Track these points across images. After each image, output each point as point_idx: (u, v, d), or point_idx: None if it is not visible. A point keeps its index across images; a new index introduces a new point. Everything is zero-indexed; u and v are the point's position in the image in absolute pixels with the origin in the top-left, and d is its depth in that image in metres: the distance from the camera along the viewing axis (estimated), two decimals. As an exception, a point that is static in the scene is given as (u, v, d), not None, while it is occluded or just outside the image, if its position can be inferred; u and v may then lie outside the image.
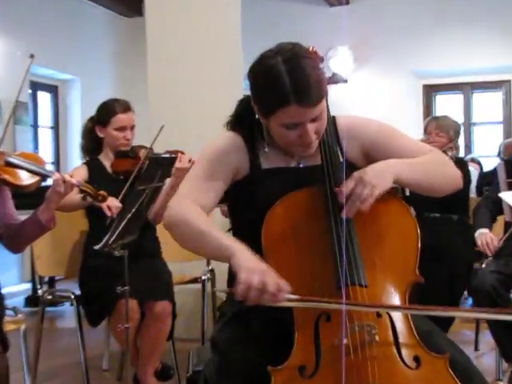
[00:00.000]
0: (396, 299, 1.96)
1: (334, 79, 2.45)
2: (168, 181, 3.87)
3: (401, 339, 1.89)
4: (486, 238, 4.17)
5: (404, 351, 1.87)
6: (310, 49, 2.13)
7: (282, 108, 1.98)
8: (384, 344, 1.87)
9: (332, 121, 2.20)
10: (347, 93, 8.37)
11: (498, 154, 7.55)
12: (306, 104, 1.97)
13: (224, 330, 2.11)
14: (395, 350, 1.87)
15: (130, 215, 3.27)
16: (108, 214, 3.61)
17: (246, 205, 2.14)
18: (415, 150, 2.20)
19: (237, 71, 5.38)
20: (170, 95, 5.32)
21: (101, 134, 4.03)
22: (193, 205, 2.04)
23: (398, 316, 1.92)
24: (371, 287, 1.94)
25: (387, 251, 2.02)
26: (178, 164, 3.88)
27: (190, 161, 3.90)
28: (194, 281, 4.65)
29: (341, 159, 2.16)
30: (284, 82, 1.96)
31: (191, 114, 5.09)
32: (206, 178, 2.12)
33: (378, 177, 1.99)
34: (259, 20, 8.87)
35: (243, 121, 2.23)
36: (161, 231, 4.14)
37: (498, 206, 4.18)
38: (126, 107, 4.04)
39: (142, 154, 3.87)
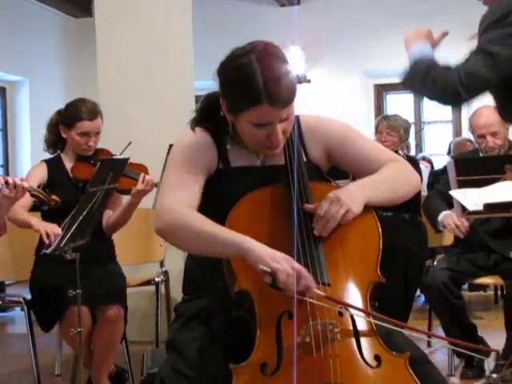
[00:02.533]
0: (358, 298, 1.98)
1: (298, 79, 2.47)
2: (126, 198, 3.86)
3: (362, 338, 1.91)
4: (454, 220, 4.18)
5: (365, 349, 1.89)
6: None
7: (253, 107, 1.98)
8: (345, 342, 1.89)
9: (296, 120, 2.20)
10: (300, 92, 8.41)
11: (448, 153, 7.66)
12: (278, 104, 1.98)
13: (182, 331, 2.10)
14: (356, 348, 1.89)
15: (81, 218, 3.25)
16: (46, 241, 3.52)
17: (211, 203, 2.13)
18: (380, 155, 2.23)
19: (188, 71, 5.38)
20: (120, 96, 5.28)
21: (64, 135, 3.97)
22: (184, 207, 2.02)
23: (358, 314, 1.94)
24: (334, 286, 1.96)
25: (349, 251, 2.04)
26: (139, 186, 3.86)
27: (152, 185, 3.89)
28: (148, 283, 4.63)
29: (304, 159, 2.17)
30: (257, 81, 1.96)
31: (142, 114, 5.07)
32: (185, 178, 2.10)
33: (353, 200, 2.02)
34: (209, 20, 8.85)
35: (209, 117, 2.21)
36: (116, 234, 4.12)
37: (446, 200, 4.23)
38: (94, 113, 3.94)
39: None
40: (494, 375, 4.11)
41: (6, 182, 3.09)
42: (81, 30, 9.59)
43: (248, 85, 1.97)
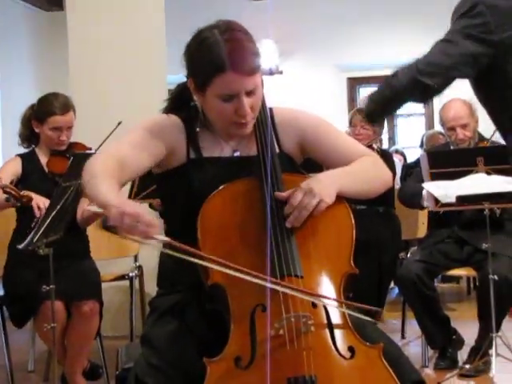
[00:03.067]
0: (331, 290, 1.98)
1: (270, 71, 2.48)
2: None
3: (336, 329, 1.91)
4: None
5: (339, 341, 1.89)
6: None
7: (218, 76, 1.99)
8: (319, 334, 1.89)
9: (269, 112, 2.21)
10: (273, 85, 8.41)
11: (421, 146, 7.70)
12: (242, 71, 2.00)
13: (157, 325, 2.10)
14: (330, 340, 1.89)
15: (54, 213, 3.23)
16: (37, 214, 3.50)
17: (181, 195, 2.13)
18: (352, 149, 2.24)
19: (161, 65, 5.37)
20: (92, 91, 5.25)
21: (36, 129, 3.95)
22: (110, 159, 2.02)
23: (332, 307, 1.94)
24: (307, 278, 1.95)
25: (322, 242, 2.03)
26: None
27: None
28: (122, 278, 4.63)
29: (277, 150, 2.17)
30: (220, 49, 1.99)
31: (114, 109, 5.02)
32: (138, 143, 2.09)
33: (325, 190, 2.02)
34: (181, 14, 8.81)
35: (180, 105, 2.22)
36: (90, 230, 4.10)
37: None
38: (66, 107, 3.93)
39: None
40: (467, 366, 4.16)
41: None
42: (52, 23, 9.49)
43: (211, 54, 2.00)
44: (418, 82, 2.54)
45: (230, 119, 2.08)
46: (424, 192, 4.18)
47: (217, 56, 1.99)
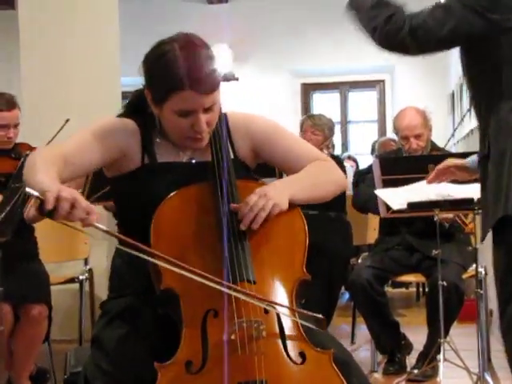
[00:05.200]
0: (283, 296, 1.98)
1: (226, 77, 2.47)
2: None
3: (287, 335, 1.92)
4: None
5: (290, 347, 1.90)
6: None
7: (176, 93, 1.98)
8: (271, 339, 1.89)
9: (224, 117, 2.21)
10: (228, 90, 8.40)
11: (372, 152, 7.77)
12: (201, 90, 1.98)
13: (108, 328, 2.07)
14: (281, 346, 1.90)
15: (3, 215, 3.20)
16: None
17: (135, 199, 2.11)
18: (305, 153, 2.24)
19: (114, 67, 5.34)
20: (44, 92, 5.20)
21: None
22: (51, 152, 2.01)
23: (284, 313, 1.94)
24: (260, 284, 1.95)
25: (276, 248, 2.03)
26: None
27: None
28: (72, 281, 4.58)
29: (231, 156, 2.17)
30: (179, 66, 1.97)
31: (66, 110, 4.95)
32: (84, 142, 2.06)
33: (279, 195, 2.02)
34: (135, 16, 8.77)
35: (136, 112, 2.20)
36: (39, 232, 4.06)
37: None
38: (11, 104, 3.90)
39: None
40: (415, 371, 4.20)
41: None
42: (3, 22, 9.38)
43: (170, 71, 1.98)
44: (402, 39, 2.37)
45: (186, 134, 2.07)
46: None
47: (175, 73, 1.97)
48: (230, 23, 8.78)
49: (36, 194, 1.77)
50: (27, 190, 1.79)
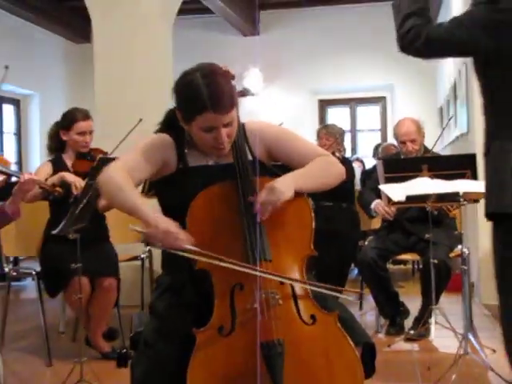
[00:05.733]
0: (295, 270, 1.99)
1: (244, 93, 2.44)
2: None
3: (300, 301, 1.93)
4: (383, 206, 4.24)
5: (302, 311, 1.91)
6: (224, 68, 2.13)
7: (200, 114, 1.98)
8: (285, 306, 1.91)
9: (242, 126, 2.20)
10: (258, 106, 8.42)
11: (374, 155, 7.72)
12: (220, 111, 1.98)
13: (161, 298, 2.09)
14: (295, 311, 1.91)
15: (81, 205, 3.22)
16: (74, 192, 3.51)
17: (173, 196, 2.11)
18: (309, 151, 2.21)
19: (167, 89, 5.36)
20: (113, 113, 5.23)
21: (64, 137, 3.92)
22: (122, 170, 2.02)
23: (296, 284, 1.96)
24: (275, 261, 1.96)
25: (287, 231, 2.03)
26: None
27: None
28: (135, 259, 4.60)
29: (249, 157, 2.16)
30: (202, 93, 1.97)
31: (131, 119, 4.97)
32: (137, 160, 2.08)
33: (284, 187, 2.01)
34: (186, 45, 8.78)
35: (170, 127, 2.19)
36: (110, 219, 4.08)
37: (376, 193, 4.27)
38: (86, 116, 3.94)
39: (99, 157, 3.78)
40: (412, 332, 4.16)
41: (28, 180, 3.09)
42: (81, 53, 9.44)
43: (195, 97, 1.98)
44: (417, 47, 1.96)
45: (211, 144, 2.06)
46: (374, 203, 4.33)
47: (199, 98, 1.97)
48: (260, 51, 8.75)
49: (140, 230, 1.90)
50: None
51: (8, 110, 8.86)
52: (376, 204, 4.35)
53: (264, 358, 1.82)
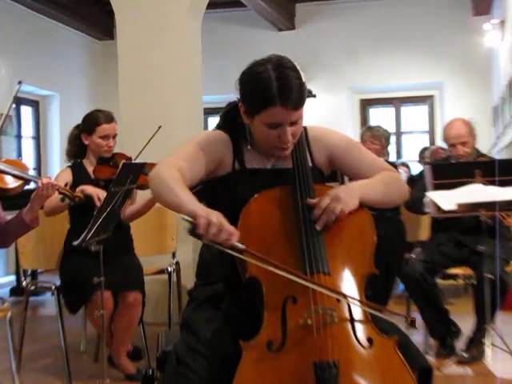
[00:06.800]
0: (354, 288, 1.97)
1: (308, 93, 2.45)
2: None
3: (356, 322, 1.91)
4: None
5: (359, 332, 1.89)
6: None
7: (267, 108, 2.00)
8: (342, 325, 1.88)
9: (304, 130, 2.21)
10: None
11: (420, 160, 7.62)
12: (289, 106, 1.99)
13: (196, 313, 2.09)
14: (351, 331, 1.89)
15: (104, 214, 3.24)
16: (97, 203, 3.51)
17: (226, 199, 2.13)
18: (373, 164, 2.23)
19: (197, 86, 5.43)
20: (138, 108, 5.28)
21: (86, 141, 3.96)
22: (173, 168, 2.03)
23: (354, 302, 1.93)
24: (334, 275, 1.95)
25: (347, 244, 2.02)
26: None
27: None
28: (162, 272, 4.62)
29: (310, 164, 2.17)
30: (272, 85, 1.99)
31: (156, 121, 4.98)
32: (193, 156, 2.11)
33: (349, 197, 2.01)
34: (216, 42, 8.84)
35: (229, 123, 2.23)
36: (135, 229, 4.11)
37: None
38: (110, 118, 3.97)
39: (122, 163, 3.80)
40: (464, 354, 4.10)
41: (47, 185, 3.11)
42: (104, 51, 9.59)
43: (264, 89, 2.00)
44: None
45: (273, 143, 2.08)
46: (427, 200, 4.16)
47: (268, 91, 1.99)
48: (297, 47, 8.76)
49: (189, 219, 1.82)
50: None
51: (26, 112, 8.98)
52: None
53: (317, 380, 1.80)
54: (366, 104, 9.68)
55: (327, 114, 8.80)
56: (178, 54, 5.29)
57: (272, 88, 1.99)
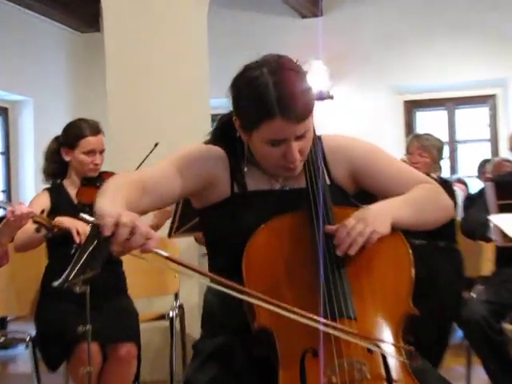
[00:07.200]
0: (388, 334, 1.94)
1: (319, 95, 2.46)
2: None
3: (394, 377, 1.86)
4: None
5: None
6: (296, 62, 2.13)
7: (265, 122, 1.98)
8: (375, 382, 1.85)
9: (318, 141, 2.20)
10: (323, 110, 8.41)
11: (479, 175, 7.59)
12: (292, 118, 1.98)
13: (202, 370, 2.08)
14: None
15: (91, 247, 3.24)
16: (76, 239, 3.51)
17: (225, 230, 2.13)
18: (406, 177, 2.22)
19: (203, 89, 5.41)
20: (131, 116, 5.31)
21: (67, 158, 3.99)
22: (130, 178, 2.02)
23: (390, 351, 1.90)
24: (361, 320, 1.92)
25: (378, 279, 2.01)
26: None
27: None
28: (162, 318, 4.63)
29: (327, 182, 2.17)
30: (269, 93, 1.98)
31: (154, 134, 5.06)
32: (167, 169, 2.09)
33: (379, 220, 2.00)
34: (226, 32, 8.90)
35: (224, 138, 2.22)
36: (127, 266, 4.12)
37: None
38: (96, 129, 4.00)
39: None
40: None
41: (12, 211, 3.12)
42: (88, 45, 9.66)
43: (260, 98, 1.99)
44: None
45: (278, 162, 2.08)
46: (491, 225, 4.14)
47: (265, 101, 1.98)
48: (325, 38, 8.79)
49: (90, 218, 1.76)
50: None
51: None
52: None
53: None
54: (411, 106, 9.67)
55: (360, 120, 8.81)
56: (179, 48, 5.32)
57: (269, 97, 1.97)
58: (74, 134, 3.97)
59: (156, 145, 4.14)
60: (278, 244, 2.03)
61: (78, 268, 3.21)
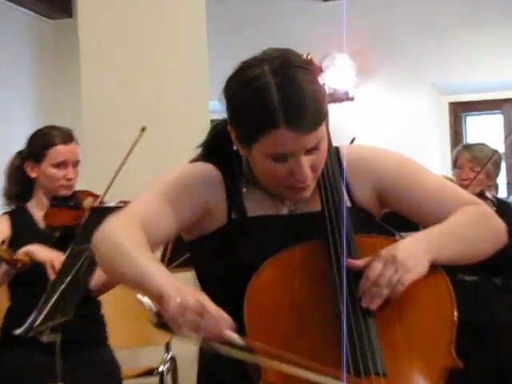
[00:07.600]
0: None
1: (336, 97, 2.47)
2: None
3: None
4: None
5: None
6: (305, 56, 2.16)
7: (267, 133, 1.98)
8: None
9: (335, 153, 2.21)
10: (348, 113, 8.44)
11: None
12: (300, 128, 1.97)
13: None
14: None
15: (63, 286, 3.25)
16: (51, 275, 3.51)
17: (221, 266, 2.13)
18: (446, 197, 2.22)
19: (201, 84, 5.42)
20: (112, 118, 5.31)
21: (32, 174, 4.00)
22: (132, 225, 2.03)
23: None
24: (392, 376, 1.93)
25: (412, 327, 2.02)
26: None
27: None
28: (150, 373, 4.63)
29: (348, 204, 2.17)
30: (271, 97, 1.97)
31: (141, 142, 5.05)
32: (159, 206, 2.11)
33: (414, 259, 2.00)
34: (233, 18, 8.93)
35: (217, 152, 2.23)
36: (107, 308, 4.12)
37: None
38: (68, 137, 4.02)
39: (87, 203, 3.81)
40: None
41: None
42: (58, 34, 9.70)
43: (260, 103, 1.99)
44: None
45: (284, 182, 2.07)
46: None
47: (267, 107, 1.97)
48: (350, 24, 8.82)
49: (150, 304, 1.83)
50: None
51: None
52: None
53: None
54: (459, 109, 9.68)
55: (398, 126, 8.83)
56: (172, 38, 5.35)
57: (272, 102, 1.97)
58: (41, 142, 3.99)
59: (143, 129, 4.10)
60: (288, 284, 2.04)
61: (45, 313, 3.23)
